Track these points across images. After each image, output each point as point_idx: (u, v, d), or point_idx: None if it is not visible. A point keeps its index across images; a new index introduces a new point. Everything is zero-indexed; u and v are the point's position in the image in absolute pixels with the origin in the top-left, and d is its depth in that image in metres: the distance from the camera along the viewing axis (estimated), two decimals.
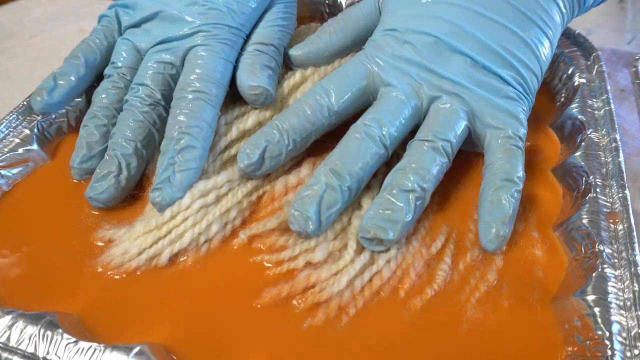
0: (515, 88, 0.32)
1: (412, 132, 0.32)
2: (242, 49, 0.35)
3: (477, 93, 0.31)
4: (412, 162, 0.29)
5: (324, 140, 0.33)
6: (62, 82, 0.33)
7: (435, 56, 0.32)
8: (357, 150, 0.29)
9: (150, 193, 0.29)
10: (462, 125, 0.31)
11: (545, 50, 0.33)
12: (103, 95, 0.33)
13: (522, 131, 0.31)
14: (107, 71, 0.34)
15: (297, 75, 0.36)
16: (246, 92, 0.33)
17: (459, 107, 0.31)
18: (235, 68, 0.34)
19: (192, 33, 0.33)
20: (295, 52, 0.37)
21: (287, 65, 0.37)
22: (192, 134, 0.30)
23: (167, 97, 0.33)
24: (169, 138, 0.30)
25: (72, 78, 0.34)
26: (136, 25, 0.35)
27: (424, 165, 0.29)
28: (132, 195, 0.31)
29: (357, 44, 0.37)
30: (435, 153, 0.29)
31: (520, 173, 0.29)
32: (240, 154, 0.30)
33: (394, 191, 0.28)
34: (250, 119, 0.33)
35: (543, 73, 0.34)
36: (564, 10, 0.34)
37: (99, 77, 0.35)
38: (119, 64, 0.34)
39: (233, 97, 0.35)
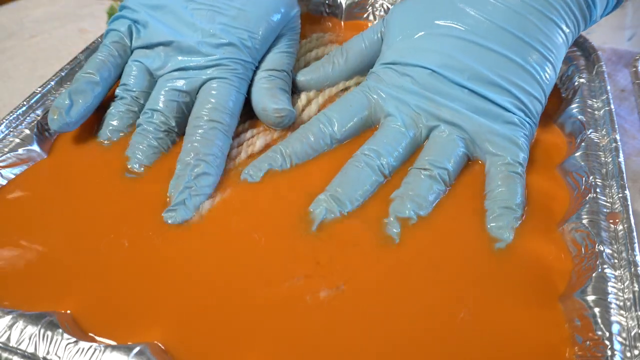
0: (515, 114, 0.33)
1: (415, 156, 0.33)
2: (254, 73, 0.37)
3: (476, 120, 0.32)
4: (409, 190, 0.30)
5: None
6: (79, 100, 0.33)
7: (433, 87, 0.33)
8: (357, 178, 0.31)
9: (164, 213, 0.29)
10: (460, 152, 0.32)
11: (547, 74, 0.33)
12: (116, 117, 0.34)
13: (522, 156, 0.32)
14: (119, 92, 0.35)
15: (303, 97, 0.37)
16: (271, 114, 0.34)
17: (457, 135, 0.32)
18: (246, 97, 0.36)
19: (210, 66, 0.34)
20: (300, 77, 0.38)
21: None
22: (208, 161, 0.31)
23: (180, 124, 0.34)
24: (185, 163, 0.31)
25: (89, 96, 0.33)
26: (147, 47, 0.35)
27: (421, 192, 0.30)
28: None
29: (359, 74, 0.39)
30: (432, 181, 0.31)
31: (519, 200, 0.30)
32: (243, 175, 0.32)
33: (391, 218, 0.29)
34: (258, 142, 0.34)
35: (547, 95, 0.34)
36: (566, 30, 0.33)
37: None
38: (132, 87, 0.35)
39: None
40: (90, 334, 0.24)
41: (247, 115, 0.36)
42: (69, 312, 0.25)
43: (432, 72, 0.33)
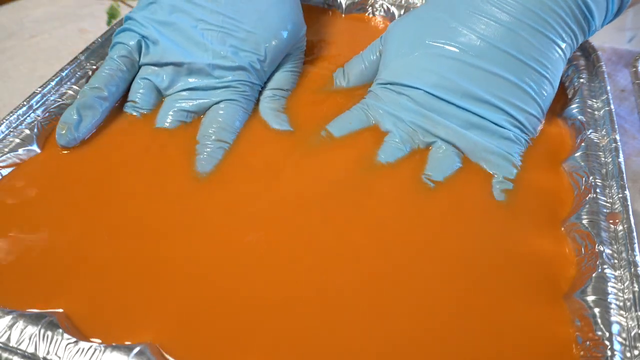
0: (511, 130, 0.33)
1: None
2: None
3: (471, 138, 0.33)
4: None
5: None
6: (87, 115, 0.33)
7: (429, 105, 0.34)
8: None
9: None
10: (456, 167, 0.33)
11: (544, 90, 0.34)
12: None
13: (515, 172, 0.33)
14: (127, 109, 0.36)
15: None
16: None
17: (452, 151, 0.33)
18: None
19: (218, 87, 0.35)
20: None
21: None
22: None
23: None
24: None
25: (97, 111, 0.33)
26: (157, 65, 0.36)
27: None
28: None
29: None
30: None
31: None
32: None
33: None
34: None
35: (544, 110, 0.35)
36: (563, 45, 0.33)
37: None
38: (141, 105, 0.35)
39: None
40: (88, 335, 0.24)
41: None
42: (64, 312, 0.25)
43: (425, 93, 0.34)
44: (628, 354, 0.23)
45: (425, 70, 0.34)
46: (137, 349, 0.22)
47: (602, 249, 0.26)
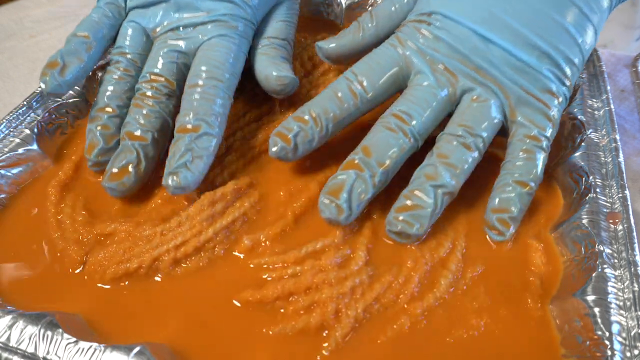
0: (552, 81, 0.30)
1: (447, 119, 0.31)
2: (255, 41, 0.36)
3: (510, 88, 0.30)
4: (441, 157, 0.29)
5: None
6: (72, 61, 0.31)
7: (469, 46, 0.30)
8: (386, 141, 0.29)
9: (165, 177, 0.28)
10: (495, 120, 0.30)
11: (589, 39, 0.31)
12: (112, 83, 0.32)
13: (550, 131, 0.30)
14: (113, 56, 0.34)
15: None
16: (273, 81, 0.33)
17: (492, 102, 0.30)
18: (247, 60, 0.35)
19: (208, 22, 0.33)
20: (326, 45, 0.36)
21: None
22: (208, 121, 0.29)
23: (181, 86, 0.32)
24: (184, 124, 0.29)
25: (82, 57, 0.31)
26: (143, 6, 0.34)
27: (453, 161, 0.29)
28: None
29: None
30: (465, 149, 0.29)
31: (535, 175, 0.29)
32: (273, 137, 0.30)
33: (423, 186, 0.28)
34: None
35: (584, 63, 0.32)
36: None
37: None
38: (127, 50, 0.33)
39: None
40: (87, 336, 0.24)
41: None
42: (63, 312, 0.25)
43: (469, 30, 0.30)
44: (628, 354, 0.23)
45: (472, 3, 0.30)
46: (137, 349, 0.22)
47: (602, 248, 0.26)
